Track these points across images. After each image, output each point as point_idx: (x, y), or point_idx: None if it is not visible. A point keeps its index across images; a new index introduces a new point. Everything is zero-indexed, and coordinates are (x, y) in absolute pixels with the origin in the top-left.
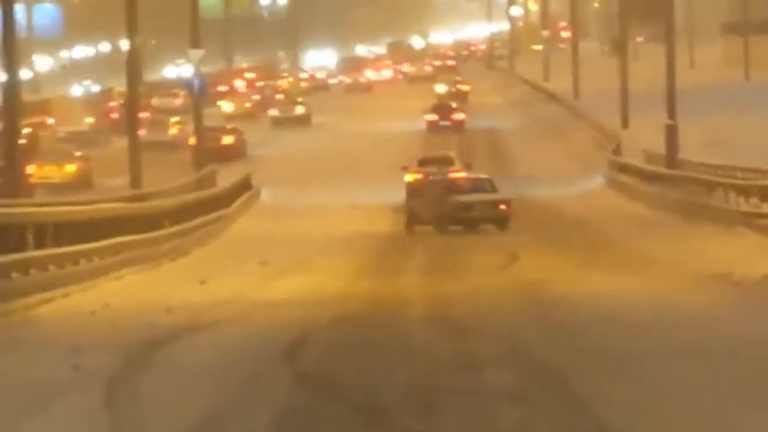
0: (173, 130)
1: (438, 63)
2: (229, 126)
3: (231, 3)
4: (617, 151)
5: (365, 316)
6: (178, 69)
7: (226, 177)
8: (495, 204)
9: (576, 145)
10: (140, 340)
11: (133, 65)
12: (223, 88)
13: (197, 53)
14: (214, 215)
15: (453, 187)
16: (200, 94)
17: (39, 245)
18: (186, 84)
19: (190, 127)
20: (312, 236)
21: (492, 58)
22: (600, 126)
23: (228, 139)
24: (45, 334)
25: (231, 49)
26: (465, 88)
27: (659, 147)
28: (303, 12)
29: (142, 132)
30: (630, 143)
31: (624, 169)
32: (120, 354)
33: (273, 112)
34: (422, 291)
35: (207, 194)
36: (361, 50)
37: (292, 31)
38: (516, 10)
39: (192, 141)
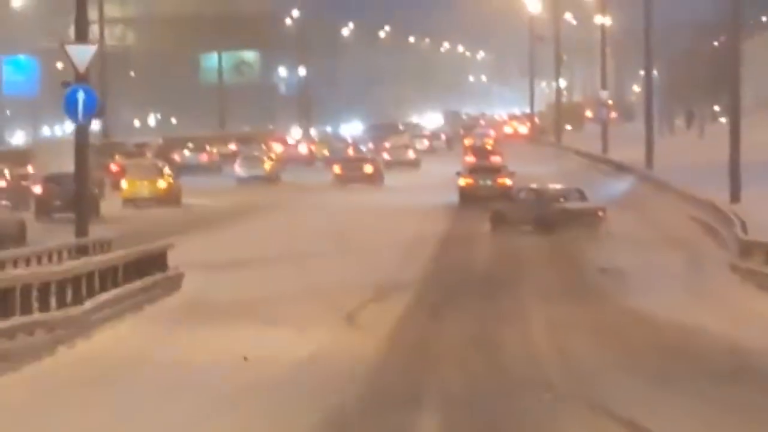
0: (267, 165)
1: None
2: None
3: (242, 71)
4: (744, 229)
5: None
6: None
7: None
8: (594, 212)
9: (668, 222)
10: None
11: None
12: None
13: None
14: None
15: (546, 194)
16: (86, 114)
17: None
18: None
19: None
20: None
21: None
22: (693, 198)
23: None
24: None
25: (224, 114)
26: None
27: None
28: (322, 86)
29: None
30: (751, 222)
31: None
32: None
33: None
34: None
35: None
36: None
37: (305, 103)
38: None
39: None
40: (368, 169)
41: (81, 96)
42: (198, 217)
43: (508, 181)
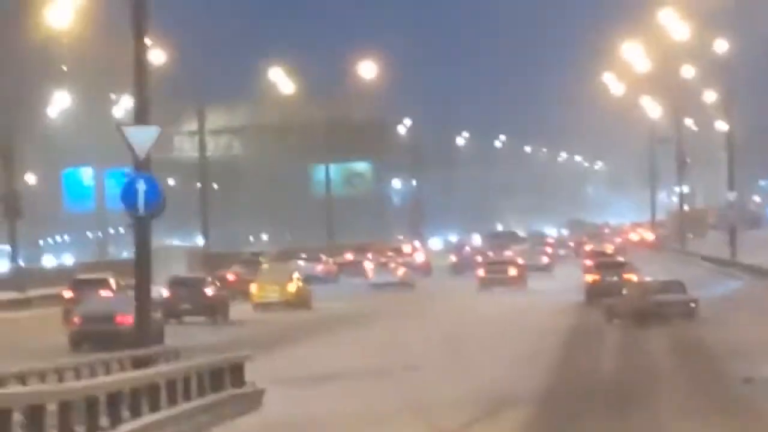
0: (400, 272)
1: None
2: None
3: (353, 183)
4: None
5: None
6: None
7: None
8: (686, 302)
9: None
10: None
11: None
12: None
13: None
14: None
15: (650, 288)
16: (148, 207)
17: None
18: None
19: None
20: None
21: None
22: None
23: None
24: None
25: (332, 226)
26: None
27: None
28: (436, 196)
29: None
30: None
31: None
32: None
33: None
34: None
35: None
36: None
37: (416, 215)
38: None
39: None
40: (512, 271)
41: (141, 186)
42: (326, 320)
43: (634, 277)
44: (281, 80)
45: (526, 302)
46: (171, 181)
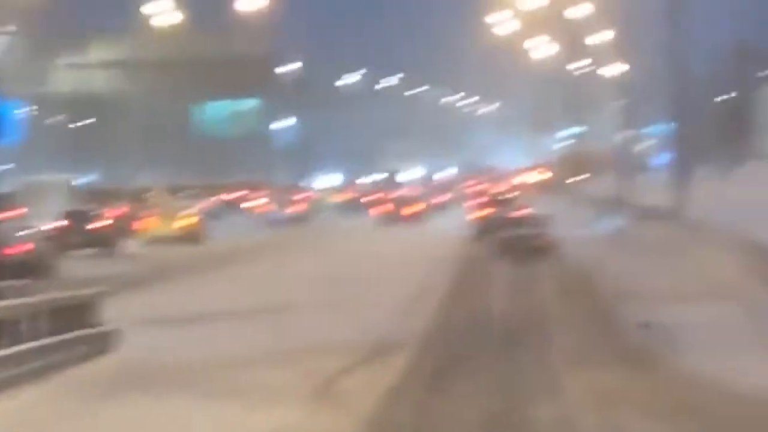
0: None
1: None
2: None
3: (238, 123)
4: None
5: None
6: None
7: None
8: (542, 236)
9: (717, 270)
10: None
11: None
12: None
13: None
14: None
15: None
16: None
17: None
18: None
19: None
20: None
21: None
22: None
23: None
24: None
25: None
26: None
27: None
28: (321, 137)
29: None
30: None
31: None
32: None
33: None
34: None
35: None
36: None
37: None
38: None
39: None
40: (417, 208)
41: None
42: (216, 255)
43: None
44: (164, 12)
45: (421, 238)
46: (53, 118)
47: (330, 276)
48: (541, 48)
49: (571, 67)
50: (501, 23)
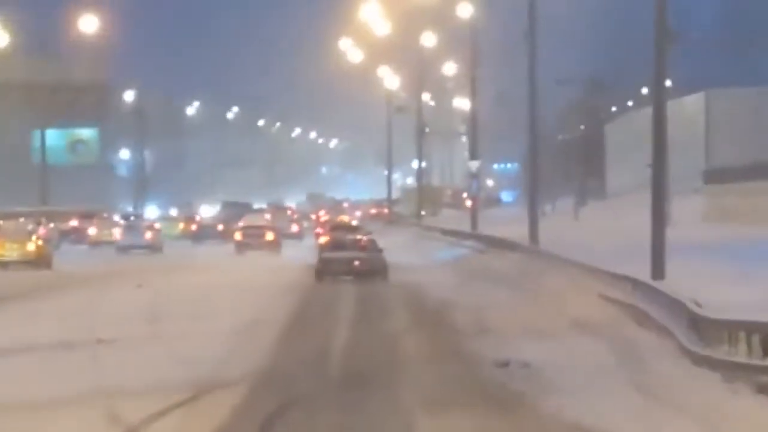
0: (148, 235)
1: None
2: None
3: (77, 150)
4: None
5: None
6: None
7: None
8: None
9: (574, 303)
10: None
11: None
12: None
13: None
14: None
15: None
16: None
17: None
18: None
19: None
20: None
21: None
22: (604, 274)
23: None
24: None
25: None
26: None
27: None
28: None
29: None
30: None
31: None
32: None
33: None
34: None
35: None
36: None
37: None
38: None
39: None
40: (269, 236)
41: None
42: (59, 281)
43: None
44: None
45: (276, 265)
46: None
47: (171, 306)
48: (389, 79)
49: (421, 98)
50: (350, 52)
